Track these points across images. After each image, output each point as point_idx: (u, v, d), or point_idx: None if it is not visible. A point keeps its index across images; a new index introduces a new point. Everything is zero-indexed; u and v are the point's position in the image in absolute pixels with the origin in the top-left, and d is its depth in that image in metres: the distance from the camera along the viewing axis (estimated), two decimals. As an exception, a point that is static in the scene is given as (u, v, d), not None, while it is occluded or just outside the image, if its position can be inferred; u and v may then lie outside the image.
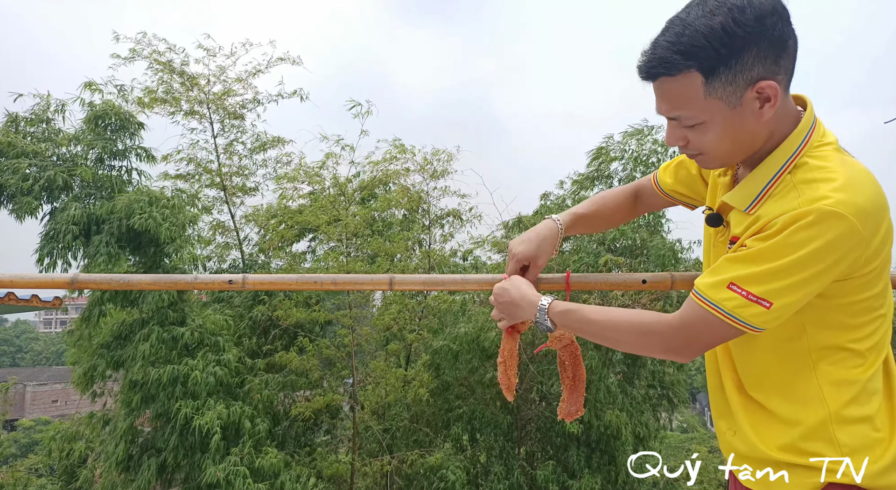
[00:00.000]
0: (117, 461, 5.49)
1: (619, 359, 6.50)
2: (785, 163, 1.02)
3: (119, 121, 5.93)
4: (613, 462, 6.12)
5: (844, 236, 0.91)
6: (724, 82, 0.97)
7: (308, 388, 6.60)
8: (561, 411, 1.46)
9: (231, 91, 6.98)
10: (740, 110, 1.00)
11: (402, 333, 6.65)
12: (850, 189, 0.93)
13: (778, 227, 0.94)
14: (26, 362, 44.72)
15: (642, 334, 1.08)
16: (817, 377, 1.02)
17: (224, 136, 7.17)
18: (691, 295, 1.03)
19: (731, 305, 0.97)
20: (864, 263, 0.96)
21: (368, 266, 6.48)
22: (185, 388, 5.34)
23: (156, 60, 6.55)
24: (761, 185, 1.03)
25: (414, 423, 6.53)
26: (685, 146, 1.09)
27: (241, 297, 6.81)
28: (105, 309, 5.65)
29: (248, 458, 5.16)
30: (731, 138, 1.03)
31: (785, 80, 1.00)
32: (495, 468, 6.07)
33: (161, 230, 5.29)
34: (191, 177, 7.07)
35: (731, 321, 0.97)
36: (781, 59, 0.98)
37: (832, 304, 1.01)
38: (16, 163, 5.38)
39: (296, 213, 6.94)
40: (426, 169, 7.24)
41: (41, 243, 5.42)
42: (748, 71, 0.96)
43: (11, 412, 18.53)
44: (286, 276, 1.57)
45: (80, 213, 5.36)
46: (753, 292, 0.95)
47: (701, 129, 1.03)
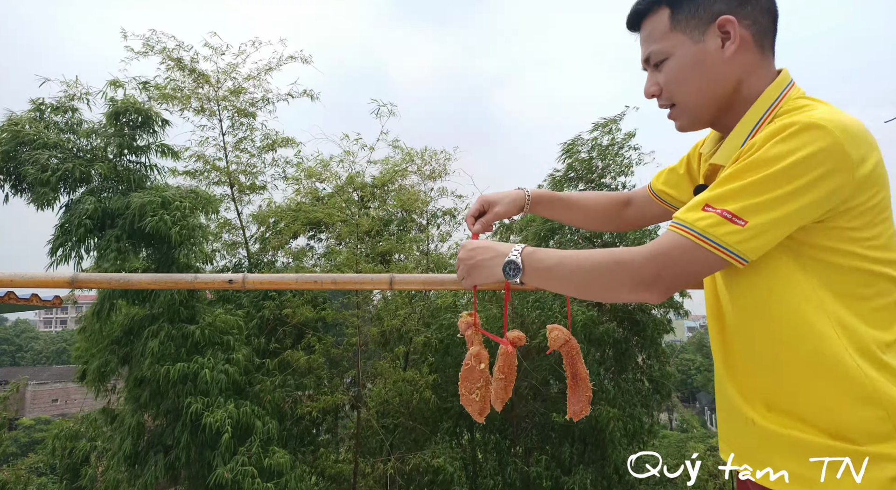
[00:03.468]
0: (125, 457, 5.48)
1: (609, 356, 6.54)
2: (764, 114, 1.00)
3: (140, 117, 5.90)
4: (606, 457, 6.14)
5: (827, 151, 0.85)
6: (687, 15, 1.02)
7: (314, 388, 6.61)
8: (569, 411, 1.47)
9: (242, 89, 7.01)
10: (703, 47, 1.02)
11: (409, 335, 6.66)
12: (835, 113, 0.89)
13: (757, 144, 0.90)
14: (26, 361, 44.80)
15: (612, 264, 0.97)
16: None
17: (233, 133, 7.21)
18: (668, 225, 0.96)
19: (702, 224, 0.89)
20: (849, 195, 0.88)
21: (375, 266, 6.50)
22: (196, 386, 5.33)
23: (168, 56, 6.60)
24: (743, 137, 1.01)
25: (412, 421, 6.54)
26: (658, 95, 1.10)
27: (250, 296, 6.81)
28: (116, 303, 5.63)
29: (256, 457, 5.15)
30: (696, 77, 1.03)
31: (754, 29, 1.01)
32: (489, 464, 6.09)
33: (171, 233, 5.29)
34: (199, 173, 7.10)
35: (704, 242, 0.89)
36: (749, 5, 1.01)
37: (833, 263, 0.91)
38: (37, 153, 5.36)
39: (309, 209, 6.95)
40: (423, 170, 7.28)
41: (55, 235, 5.40)
42: (710, 5, 1.01)
43: (13, 411, 18.53)
44: (286, 276, 1.57)
45: (94, 207, 5.34)
46: (728, 209, 0.88)
47: (668, 68, 1.06)
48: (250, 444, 5.23)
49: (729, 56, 1.01)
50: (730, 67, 1.02)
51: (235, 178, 7.18)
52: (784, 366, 0.96)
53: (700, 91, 1.05)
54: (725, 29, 1.00)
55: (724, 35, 1.01)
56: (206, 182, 7.16)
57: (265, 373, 6.16)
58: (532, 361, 6.18)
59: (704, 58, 1.02)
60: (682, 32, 1.03)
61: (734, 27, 1.00)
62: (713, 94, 1.04)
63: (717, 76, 1.03)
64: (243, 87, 7.01)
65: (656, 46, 1.06)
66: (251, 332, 6.51)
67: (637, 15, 1.09)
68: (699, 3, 1.02)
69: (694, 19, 1.02)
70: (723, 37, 1.01)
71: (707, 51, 1.02)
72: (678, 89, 1.06)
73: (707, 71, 1.03)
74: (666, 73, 1.07)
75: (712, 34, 1.01)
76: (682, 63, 1.04)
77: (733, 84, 1.03)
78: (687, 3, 1.03)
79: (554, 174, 7.25)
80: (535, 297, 6.12)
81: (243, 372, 5.79)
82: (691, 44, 1.03)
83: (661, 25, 1.05)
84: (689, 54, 1.03)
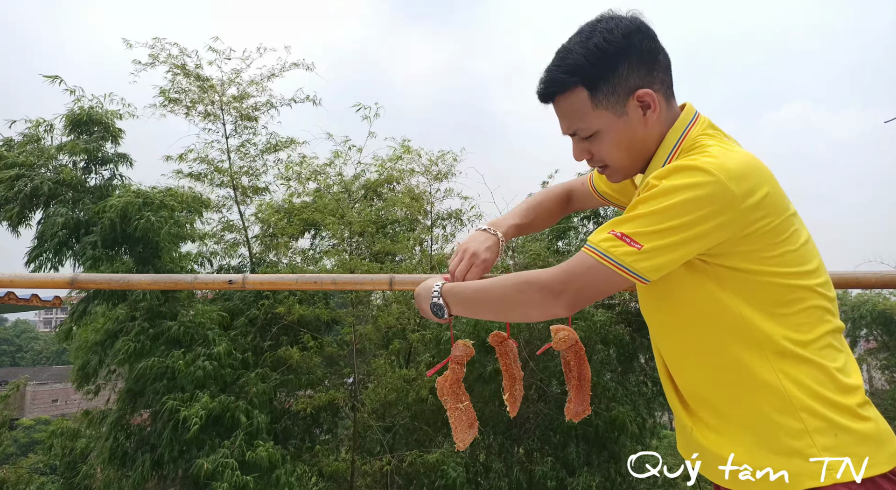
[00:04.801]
0: (109, 456, 5.59)
1: (615, 357, 6.53)
2: (669, 153, 1.13)
3: (102, 129, 6.20)
4: (613, 458, 6.12)
5: (710, 193, 0.97)
6: (606, 93, 1.11)
7: (310, 387, 6.63)
8: (568, 412, 1.47)
9: (246, 94, 7.17)
10: (626, 119, 1.13)
11: (405, 333, 6.65)
12: (720, 156, 1.01)
13: (650, 183, 1.04)
14: (26, 362, 44.72)
15: (522, 283, 1.12)
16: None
17: (237, 136, 7.35)
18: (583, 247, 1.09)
19: (605, 245, 1.03)
20: (742, 224, 1.00)
21: (370, 265, 6.50)
22: (175, 383, 5.41)
23: (174, 64, 6.81)
24: None
25: (414, 422, 6.53)
26: (591, 159, 1.20)
27: (243, 294, 6.84)
28: (91, 307, 5.87)
29: (239, 451, 5.15)
30: (625, 146, 1.15)
31: (663, 89, 1.14)
32: (495, 466, 6.07)
33: (138, 231, 5.39)
34: (203, 176, 7.23)
35: (605, 261, 1.02)
36: (655, 71, 1.13)
37: (749, 280, 1.03)
38: (4, 173, 5.63)
39: (301, 209, 7.01)
40: (430, 170, 7.29)
41: (30, 248, 5.67)
42: (625, 81, 1.11)
43: (12, 411, 18.51)
44: (286, 276, 1.58)
45: (64, 219, 5.55)
46: (626, 233, 1.01)
47: (598, 140, 1.16)
48: (234, 439, 5.26)
49: (651, 123, 1.13)
50: (652, 129, 1.14)
51: (238, 180, 7.30)
52: (708, 378, 1.10)
53: (630, 155, 1.17)
54: (644, 100, 1.12)
55: (642, 104, 1.12)
56: (209, 184, 7.29)
57: (249, 366, 6.18)
58: (537, 362, 6.18)
59: (630, 128, 1.14)
60: (605, 109, 1.13)
61: (652, 97, 1.12)
62: (641, 154, 1.17)
63: (643, 141, 1.15)
64: (247, 92, 7.17)
65: (582, 124, 1.15)
66: (241, 329, 6.55)
67: (551, 95, 1.17)
68: (614, 82, 1.11)
69: (613, 96, 1.12)
70: (642, 105, 1.12)
71: (631, 122, 1.13)
72: (610, 156, 1.18)
73: (634, 139, 1.15)
74: (596, 145, 1.17)
75: (633, 106, 1.12)
76: (610, 136, 1.15)
77: (657, 140, 1.16)
78: (602, 82, 1.11)
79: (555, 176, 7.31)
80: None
81: (228, 367, 5.85)
82: (615, 118, 1.13)
83: (581, 105, 1.13)
84: (615, 128, 1.14)
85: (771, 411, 1.02)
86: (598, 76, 1.11)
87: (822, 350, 1.03)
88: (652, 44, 1.13)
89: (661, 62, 1.14)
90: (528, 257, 6.57)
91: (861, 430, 1.00)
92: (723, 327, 1.06)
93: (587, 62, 1.10)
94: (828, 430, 0.99)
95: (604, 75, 1.11)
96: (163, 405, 5.28)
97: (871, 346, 12.92)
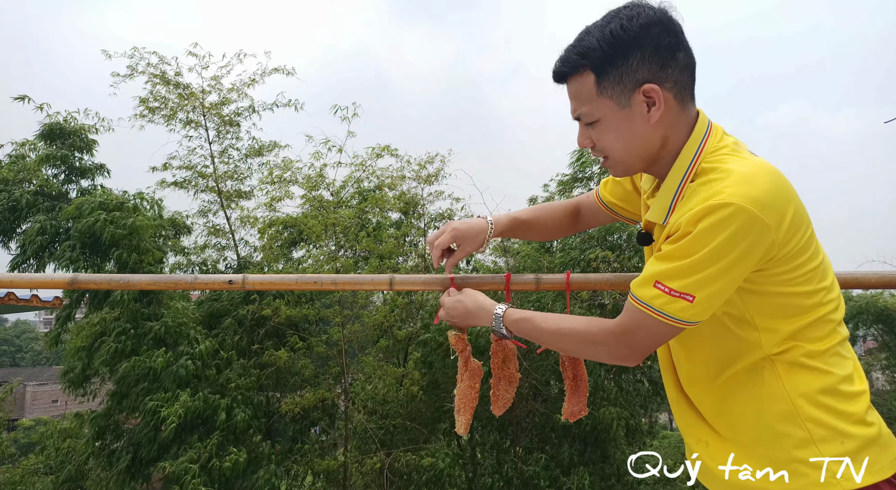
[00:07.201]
0: (96, 456, 5.71)
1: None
2: (685, 172, 1.09)
3: (75, 138, 6.47)
4: (606, 458, 6.12)
5: (747, 225, 0.96)
6: (612, 82, 1.08)
7: (300, 387, 6.67)
8: (565, 412, 1.48)
9: (227, 100, 7.19)
10: (629, 112, 1.09)
11: (392, 330, 6.64)
12: (743, 184, 0.98)
13: (683, 227, 1.00)
14: (26, 362, 44.69)
15: (589, 345, 1.14)
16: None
17: (219, 142, 7.36)
18: (629, 298, 1.08)
19: (658, 303, 1.02)
20: (778, 247, 1.00)
21: (355, 265, 6.50)
22: (158, 383, 5.49)
23: (153, 74, 6.86)
24: (670, 196, 1.11)
25: (407, 421, 6.52)
26: (592, 147, 1.18)
27: (231, 294, 6.83)
28: (72, 312, 6.11)
29: (212, 452, 5.16)
30: (624, 139, 1.12)
31: (675, 89, 1.09)
32: (488, 462, 6.07)
33: (105, 232, 5.49)
34: (188, 183, 7.25)
35: (663, 318, 1.02)
36: (669, 68, 1.07)
37: (766, 294, 1.05)
38: None
39: (287, 219, 7.00)
40: (420, 174, 7.27)
41: (13, 256, 5.96)
42: (633, 72, 1.06)
43: (9, 412, 18.50)
44: (286, 276, 1.58)
45: (40, 225, 5.76)
46: (675, 288, 1.00)
47: (599, 128, 1.13)
48: (208, 441, 5.27)
49: (654, 121, 1.09)
50: (655, 129, 1.10)
51: (223, 183, 7.32)
52: (717, 386, 1.12)
53: (629, 150, 1.14)
54: (650, 95, 1.07)
55: (648, 100, 1.08)
56: (193, 190, 7.31)
57: (229, 364, 6.22)
58: (532, 361, 6.17)
59: (632, 123, 1.10)
60: (608, 98, 1.09)
61: (658, 94, 1.07)
62: (641, 152, 1.14)
63: (644, 137, 1.11)
64: (228, 98, 7.18)
65: (585, 109, 1.12)
66: (227, 330, 6.57)
67: (562, 74, 1.14)
68: (623, 71, 1.07)
69: (619, 85, 1.08)
70: (647, 102, 1.08)
71: (633, 116, 1.09)
72: (609, 147, 1.15)
73: (635, 134, 1.11)
74: (597, 134, 1.14)
75: (638, 100, 1.08)
76: (610, 127, 1.12)
77: (660, 141, 1.12)
78: (611, 69, 1.07)
79: (561, 178, 7.40)
80: (535, 297, 6.10)
81: (210, 367, 5.91)
82: (618, 109, 1.10)
83: (587, 89, 1.11)
84: (616, 119, 1.11)
85: (776, 421, 1.04)
86: (608, 63, 1.07)
87: (830, 359, 1.05)
88: (672, 39, 1.07)
89: (679, 60, 1.08)
90: (519, 259, 6.58)
91: (866, 435, 1.02)
92: (737, 341, 1.08)
93: (599, 47, 1.07)
94: (834, 439, 1.01)
95: (613, 63, 1.07)
96: (144, 405, 5.36)
97: (870, 346, 12.92)
